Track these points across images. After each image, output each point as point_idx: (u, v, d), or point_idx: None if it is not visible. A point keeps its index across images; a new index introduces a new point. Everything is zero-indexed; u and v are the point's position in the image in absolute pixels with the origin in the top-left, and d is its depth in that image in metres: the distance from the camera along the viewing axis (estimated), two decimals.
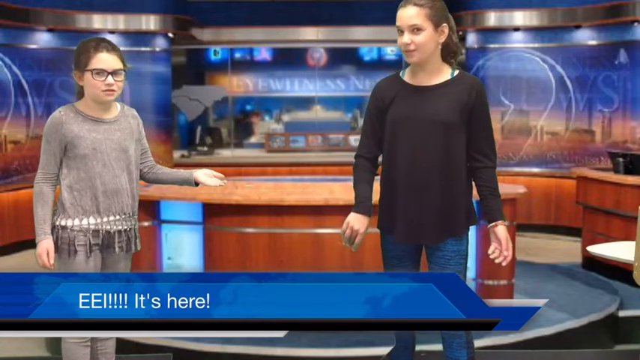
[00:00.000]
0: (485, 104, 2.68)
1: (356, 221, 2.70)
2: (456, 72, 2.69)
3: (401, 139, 2.64)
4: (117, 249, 2.86)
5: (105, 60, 2.77)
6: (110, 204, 2.82)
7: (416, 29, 2.57)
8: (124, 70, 2.82)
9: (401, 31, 2.61)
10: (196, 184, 3.03)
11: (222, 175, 3.05)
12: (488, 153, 2.68)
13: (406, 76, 2.72)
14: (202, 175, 3.01)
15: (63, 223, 2.80)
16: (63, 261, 2.81)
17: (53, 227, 2.81)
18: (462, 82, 2.65)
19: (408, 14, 2.59)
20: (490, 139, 2.69)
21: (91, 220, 2.81)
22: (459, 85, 2.64)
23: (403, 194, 2.65)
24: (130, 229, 2.91)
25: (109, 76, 2.76)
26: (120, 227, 2.86)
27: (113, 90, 2.78)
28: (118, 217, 2.85)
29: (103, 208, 2.81)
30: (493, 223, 2.66)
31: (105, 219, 2.82)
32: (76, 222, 2.80)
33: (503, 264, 2.66)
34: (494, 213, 2.67)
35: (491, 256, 2.65)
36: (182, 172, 3.07)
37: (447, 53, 2.68)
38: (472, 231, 2.96)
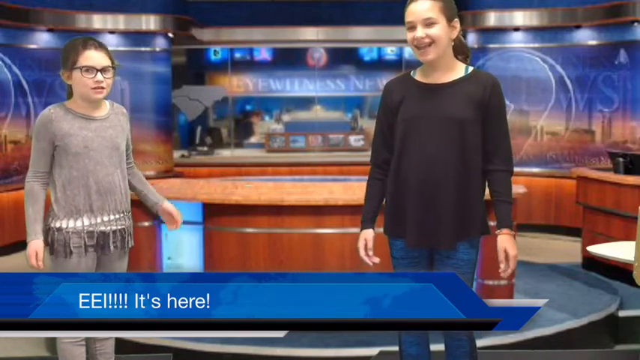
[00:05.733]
0: (500, 103, 2.56)
1: (360, 238, 2.67)
2: (470, 69, 2.60)
3: (412, 138, 2.54)
4: (112, 248, 2.86)
5: (93, 57, 2.76)
6: (104, 202, 2.81)
7: (430, 23, 2.48)
8: (113, 68, 2.82)
9: (412, 27, 2.51)
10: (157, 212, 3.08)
11: (179, 223, 3.07)
12: (501, 155, 2.56)
13: (417, 75, 2.63)
14: (167, 211, 3.05)
15: (57, 224, 2.79)
16: (58, 262, 2.80)
17: (48, 229, 2.80)
18: (476, 79, 2.56)
19: (421, 7, 2.49)
20: (504, 141, 2.57)
21: (85, 221, 2.79)
22: (473, 82, 2.55)
23: (415, 196, 2.54)
24: (124, 227, 2.90)
25: (98, 74, 2.76)
26: (115, 227, 2.85)
27: (102, 87, 2.77)
28: (112, 216, 2.84)
29: (96, 207, 2.80)
30: (497, 231, 2.55)
31: (99, 219, 2.81)
32: (71, 223, 2.78)
33: (502, 274, 2.54)
34: (499, 220, 2.56)
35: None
36: (151, 197, 3.07)
37: (459, 54, 2.61)
38: None
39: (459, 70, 2.58)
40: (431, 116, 2.53)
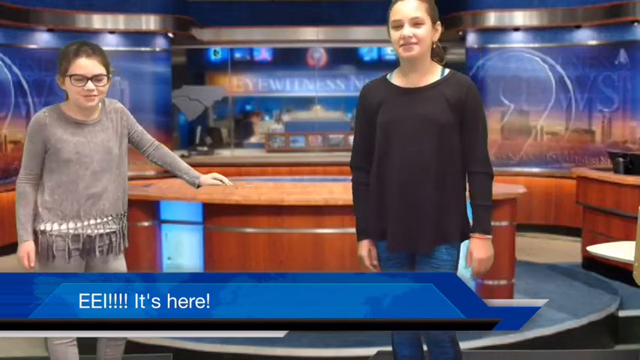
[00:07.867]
0: (476, 104, 2.58)
1: (360, 249, 2.71)
2: (447, 71, 2.62)
3: (393, 142, 2.57)
4: (97, 253, 2.83)
5: (84, 66, 2.70)
6: (91, 207, 2.79)
7: (417, 22, 2.52)
8: (107, 75, 2.77)
9: (399, 26, 2.54)
10: (198, 186, 3.03)
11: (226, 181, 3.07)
12: (478, 157, 2.57)
13: (394, 78, 2.65)
14: (210, 179, 3.03)
15: (42, 227, 2.80)
16: (42, 265, 2.81)
17: (34, 232, 2.82)
18: (453, 81, 2.58)
19: (409, 6, 2.53)
20: (480, 143, 2.58)
21: (71, 225, 2.78)
22: (451, 84, 2.57)
23: (395, 198, 2.57)
24: (113, 231, 2.88)
25: (89, 82, 2.71)
26: (101, 231, 2.83)
27: (94, 95, 2.73)
28: (99, 220, 2.82)
29: (83, 212, 2.78)
30: (471, 234, 2.60)
31: (85, 223, 2.79)
32: (55, 227, 2.78)
33: (468, 277, 2.57)
34: (473, 223, 2.60)
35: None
36: (185, 177, 3.04)
37: (435, 56, 2.63)
38: None
39: (436, 73, 2.61)
40: (411, 120, 2.55)
